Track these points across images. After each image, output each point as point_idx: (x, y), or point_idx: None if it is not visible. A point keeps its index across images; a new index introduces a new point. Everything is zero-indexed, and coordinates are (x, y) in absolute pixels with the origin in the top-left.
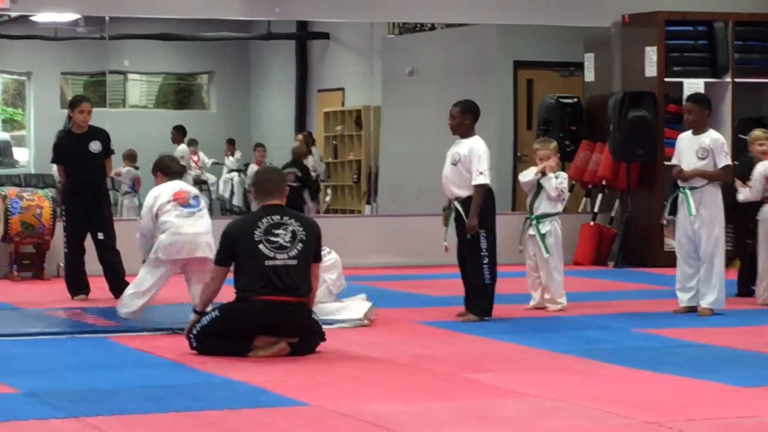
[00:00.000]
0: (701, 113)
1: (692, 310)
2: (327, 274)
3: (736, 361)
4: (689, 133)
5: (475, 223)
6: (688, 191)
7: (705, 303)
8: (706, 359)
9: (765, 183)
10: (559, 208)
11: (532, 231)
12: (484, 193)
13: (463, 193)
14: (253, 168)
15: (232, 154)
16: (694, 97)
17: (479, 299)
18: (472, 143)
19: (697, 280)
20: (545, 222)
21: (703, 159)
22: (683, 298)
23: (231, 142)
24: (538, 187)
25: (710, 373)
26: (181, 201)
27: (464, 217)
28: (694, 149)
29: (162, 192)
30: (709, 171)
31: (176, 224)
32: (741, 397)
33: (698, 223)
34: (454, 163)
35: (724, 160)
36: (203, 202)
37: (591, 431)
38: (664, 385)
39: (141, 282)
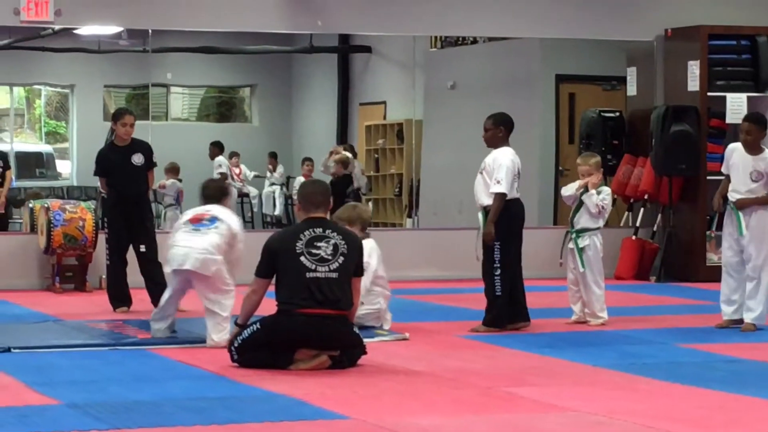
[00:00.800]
0: (759, 134)
1: (736, 323)
2: None
3: None
4: (741, 148)
5: (490, 230)
6: (739, 212)
7: (749, 318)
8: (748, 375)
9: None
10: (600, 223)
11: (571, 245)
12: (502, 202)
13: (487, 201)
14: (300, 180)
15: (275, 168)
16: (753, 117)
17: (490, 310)
18: (496, 153)
19: (740, 294)
20: (584, 236)
21: (756, 182)
22: (727, 311)
23: (273, 156)
24: (580, 202)
25: (753, 389)
26: (194, 222)
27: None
28: (749, 171)
29: (185, 214)
30: (763, 197)
31: (176, 239)
32: None
33: (748, 238)
34: (480, 172)
35: None
36: (221, 224)
37: None
38: (706, 401)
39: (161, 301)
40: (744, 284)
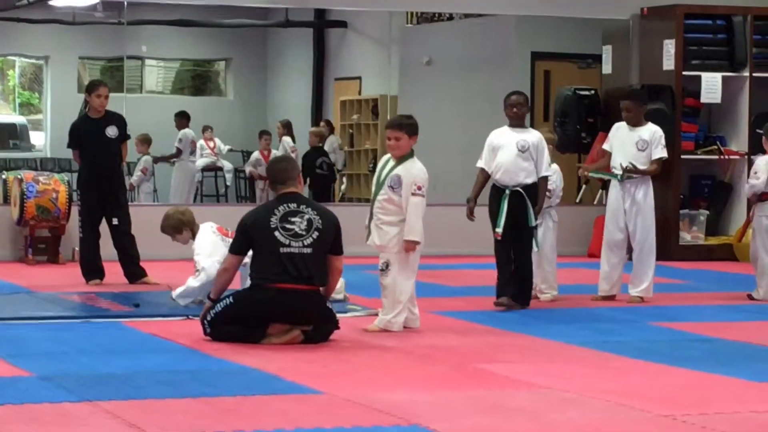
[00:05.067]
0: (639, 109)
1: (609, 299)
2: None
3: (751, 356)
4: (624, 125)
5: (541, 211)
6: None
7: (636, 291)
8: (720, 354)
9: None
10: (552, 202)
11: None
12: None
13: (529, 180)
14: (256, 156)
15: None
16: (631, 94)
17: (526, 288)
18: (538, 134)
19: (619, 271)
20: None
21: (642, 150)
22: (605, 288)
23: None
24: None
25: (725, 368)
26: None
27: (529, 204)
28: (634, 141)
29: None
30: (651, 168)
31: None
32: (755, 391)
33: (635, 211)
34: (523, 150)
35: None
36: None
37: (604, 424)
38: (679, 379)
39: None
40: (623, 263)
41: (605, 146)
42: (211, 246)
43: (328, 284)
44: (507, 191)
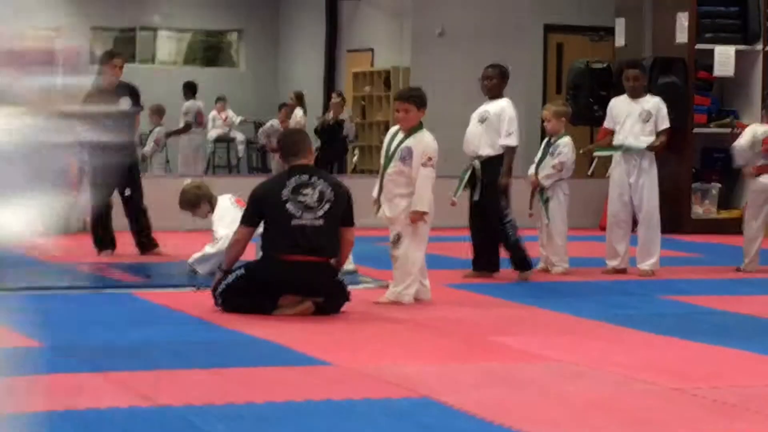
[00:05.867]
0: (644, 78)
1: (619, 272)
2: None
3: (763, 329)
4: (623, 99)
5: (508, 181)
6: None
7: (647, 265)
8: (731, 327)
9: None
10: (563, 175)
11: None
12: (514, 154)
13: (486, 152)
14: (275, 126)
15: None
16: (637, 64)
17: (516, 255)
18: (502, 104)
19: (625, 244)
20: (548, 188)
21: (646, 121)
22: (612, 263)
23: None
24: (543, 153)
25: (735, 341)
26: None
27: (478, 176)
28: (637, 113)
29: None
30: (659, 143)
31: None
32: (767, 365)
33: (641, 183)
34: (482, 121)
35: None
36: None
37: (614, 396)
38: (689, 352)
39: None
40: (628, 236)
41: (606, 124)
42: (230, 217)
43: (340, 256)
44: (472, 163)
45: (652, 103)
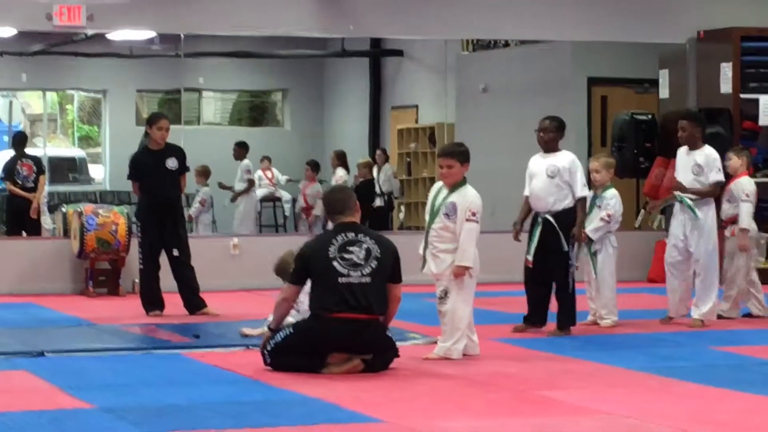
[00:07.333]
0: (695, 130)
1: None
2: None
3: None
4: (683, 149)
5: (580, 231)
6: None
7: (697, 314)
8: None
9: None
10: (611, 227)
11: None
12: (586, 203)
13: (560, 206)
14: (303, 184)
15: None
16: (688, 114)
17: (569, 310)
18: (570, 156)
19: (681, 292)
20: (596, 240)
21: (696, 175)
22: (672, 310)
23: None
24: (591, 205)
25: None
26: None
27: (558, 230)
28: (690, 165)
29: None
30: (706, 189)
31: None
32: None
33: (697, 232)
34: (552, 176)
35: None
36: None
37: None
38: (741, 404)
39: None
40: (682, 286)
41: (676, 174)
42: None
43: (388, 312)
44: (539, 218)
45: (704, 156)
